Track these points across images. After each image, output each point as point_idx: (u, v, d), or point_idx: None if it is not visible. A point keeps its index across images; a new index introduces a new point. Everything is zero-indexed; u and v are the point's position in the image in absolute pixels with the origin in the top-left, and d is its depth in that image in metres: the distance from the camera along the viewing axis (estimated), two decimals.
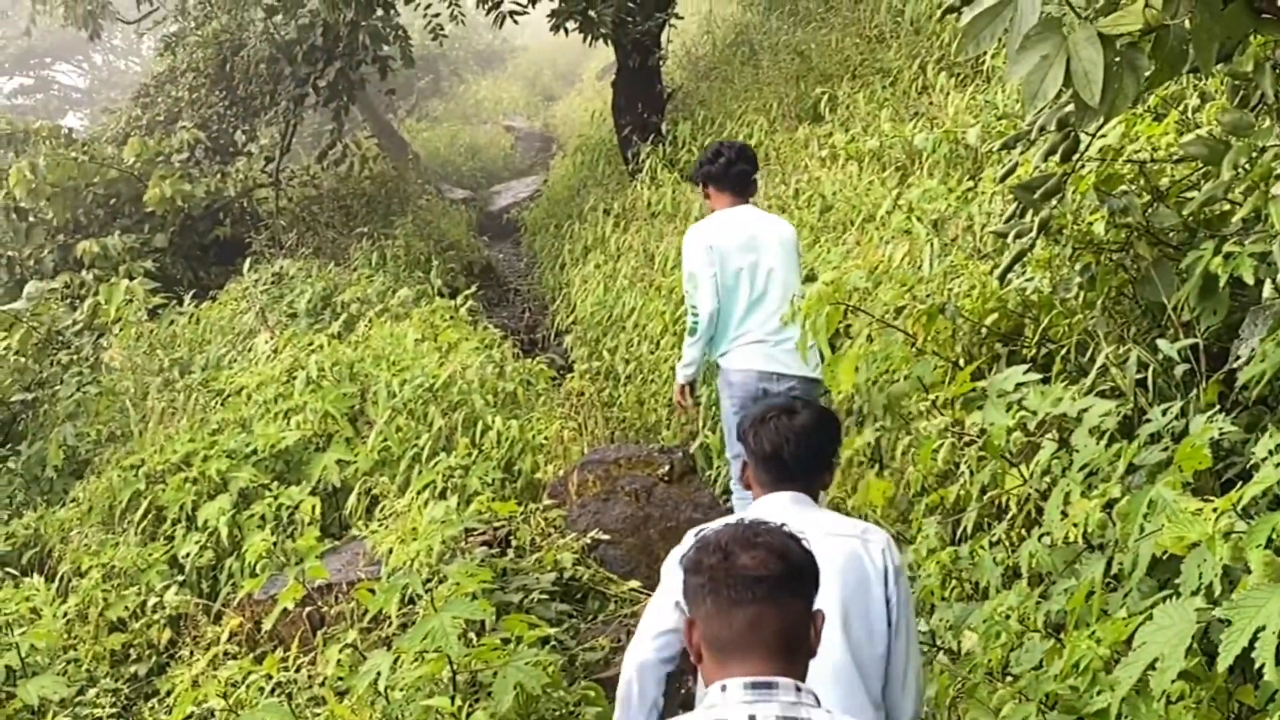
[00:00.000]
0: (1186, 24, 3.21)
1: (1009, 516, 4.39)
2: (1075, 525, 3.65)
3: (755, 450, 3.45)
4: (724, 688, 2.30)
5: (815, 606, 2.41)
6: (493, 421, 7.73)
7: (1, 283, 14.23)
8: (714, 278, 5.67)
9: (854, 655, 3.17)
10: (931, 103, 8.96)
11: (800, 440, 3.39)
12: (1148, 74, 3.24)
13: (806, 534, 2.55)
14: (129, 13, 19.43)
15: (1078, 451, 3.89)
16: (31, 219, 15.03)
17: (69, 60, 47.38)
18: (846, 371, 4.96)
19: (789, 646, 2.34)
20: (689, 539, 2.75)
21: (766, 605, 2.32)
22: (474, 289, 11.81)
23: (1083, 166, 4.42)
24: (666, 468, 6.76)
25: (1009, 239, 4.48)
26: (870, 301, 5.71)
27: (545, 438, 7.81)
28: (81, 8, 17.43)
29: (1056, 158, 4.07)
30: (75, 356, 11.09)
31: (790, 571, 2.36)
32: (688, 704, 3.07)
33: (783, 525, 2.48)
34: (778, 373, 5.57)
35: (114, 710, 6.27)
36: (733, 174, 5.93)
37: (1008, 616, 3.72)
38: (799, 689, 2.30)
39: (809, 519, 3.23)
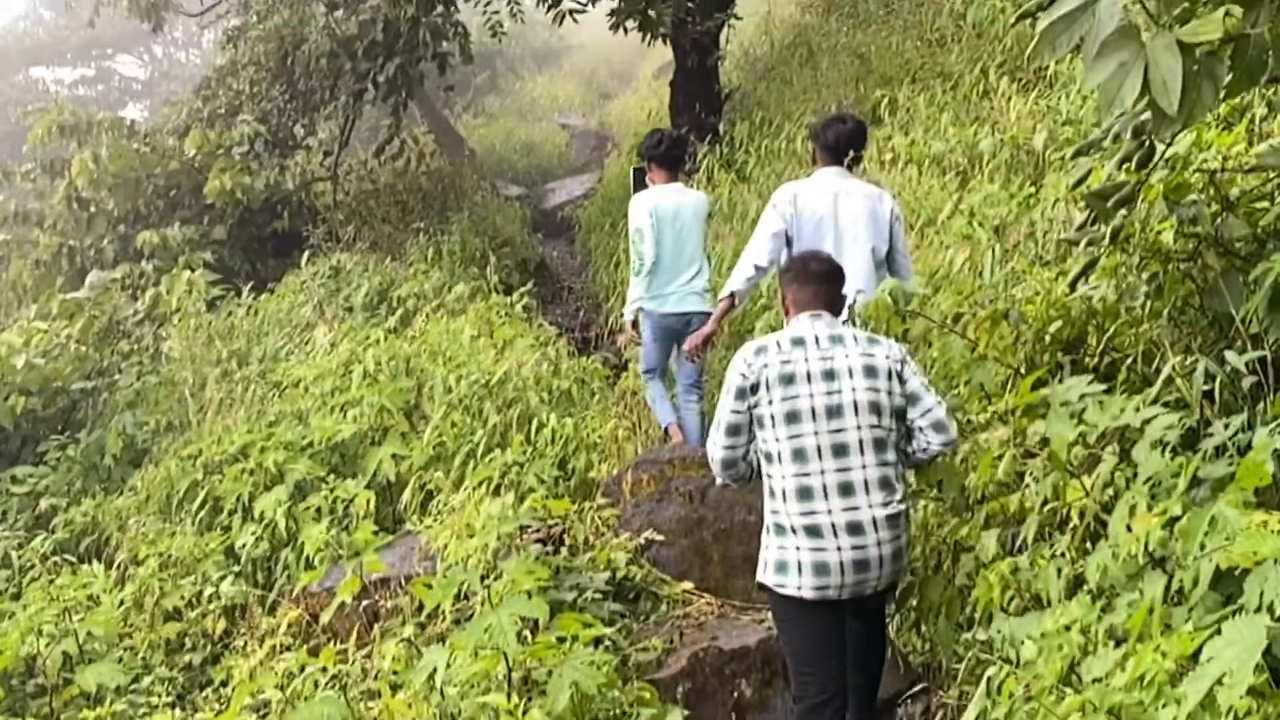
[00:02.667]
0: (1267, 33, 3.16)
1: (1070, 528, 4.33)
2: (1138, 540, 3.61)
3: (822, 141, 6.28)
4: (798, 319, 4.59)
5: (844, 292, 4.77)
6: (547, 419, 7.73)
7: (63, 271, 14.41)
8: (654, 236, 7.44)
9: (872, 248, 6.04)
10: (993, 107, 8.88)
11: (850, 137, 6.21)
12: (1226, 83, 3.19)
13: (849, 192, 6.10)
14: (192, 5, 19.59)
15: (1140, 464, 3.85)
16: (93, 209, 15.20)
17: (130, 52, 47.83)
18: None
19: (831, 307, 4.63)
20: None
21: (821, 286, 4.64)
22: (529, 286, 11.82)
23: (1151, 175, 4.37)
24: None
25: (1080, 246, 4.44)
26: (929, 307, 5.67)
27: (600, 436, 7.80)
28: (145, 0, 17.56)
29: (1131, 166, 4.02)
30: (135, 346, 11.22)
31: (833, 273, 4.72)
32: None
33: (828, 255, 5.08)
34: (686, 311, 7.44)
35: (169, 699, 6.33)
36: (669, 156, 7.69)
37: (1068, 628, 3.69)
38: (835, 320, 4.60)
39: (847, 184, 6.17)
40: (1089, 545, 4.10)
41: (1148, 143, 3.94)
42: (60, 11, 42.93)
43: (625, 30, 13.15)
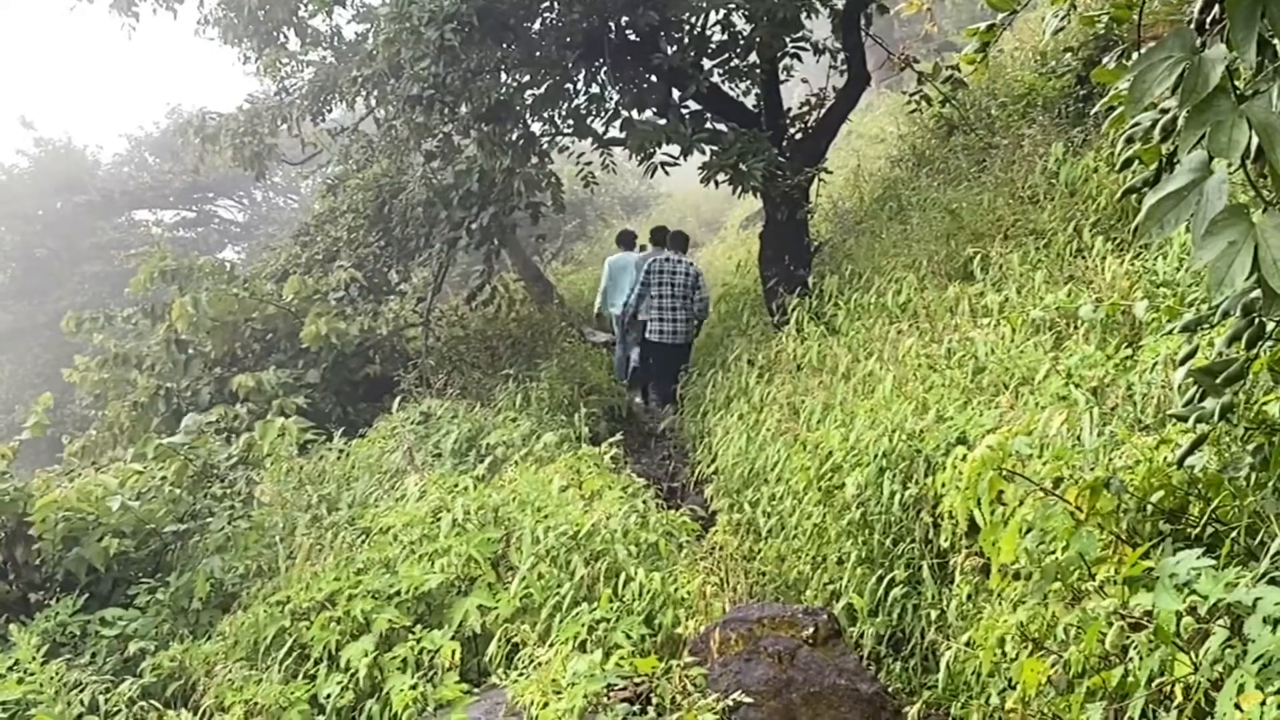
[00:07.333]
0: None
1: (1175, 704, 4.20)
2: (1248, 718, 3.50)
3: (656, 239, 16.87)
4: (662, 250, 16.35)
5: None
6: (635, 573, 7.67)
7: (159, 413, 14.67)
8: (606, 280, 16.72)
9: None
10: (1088, 266, 8.83)
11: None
12: None
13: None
14: (293, 154, 20.22)
15: (1252, 641, 3.74)
16: (191, 351, 15.51)
17: (230, 196, 49.36)
18: (1010, 540, 4.88)
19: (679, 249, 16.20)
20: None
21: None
22: (617, 436, 11.82)
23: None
24: (811, 629, 6.60)
25: (1189, 423, 4.37)
26: (1025, 471, 5.59)
27: (687, 591, 7.71)
28: (249, 150, 18.12)
29: (1240, 343, 3.97)
30: (228, 490, 11.32)
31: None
32: None
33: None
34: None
35: None
36: (620, 242, 17.25)
37: None
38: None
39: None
40: None
41: (1257, 321, 3.89)
42: (164, 157, 44.48)
43: (716, 183, 13.33)
